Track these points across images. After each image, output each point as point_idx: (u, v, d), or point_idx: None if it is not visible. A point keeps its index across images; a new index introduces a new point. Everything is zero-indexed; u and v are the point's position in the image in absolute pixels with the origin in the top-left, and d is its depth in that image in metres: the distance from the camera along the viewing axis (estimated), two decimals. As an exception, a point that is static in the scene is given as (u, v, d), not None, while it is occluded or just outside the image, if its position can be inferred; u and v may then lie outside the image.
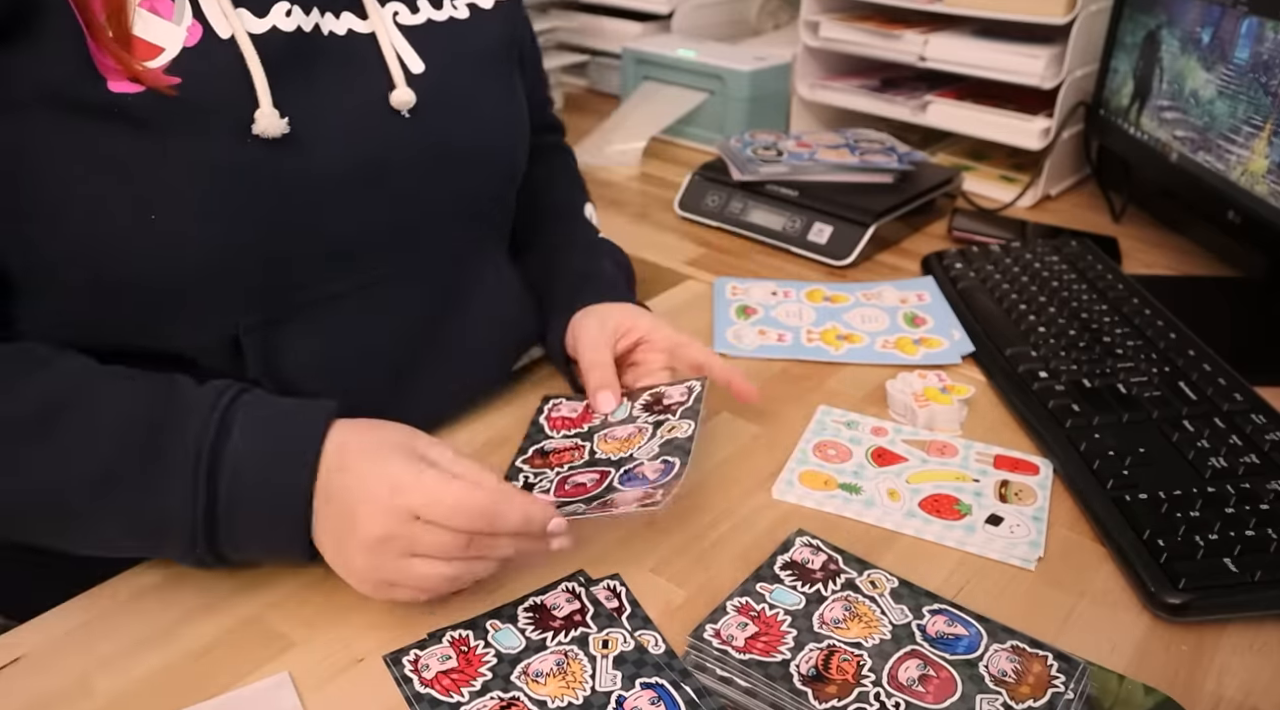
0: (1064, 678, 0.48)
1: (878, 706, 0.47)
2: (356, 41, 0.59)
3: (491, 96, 0.67)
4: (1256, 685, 0.50)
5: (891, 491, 0.63)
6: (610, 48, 1.49)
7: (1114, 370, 0.73)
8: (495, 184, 0.69)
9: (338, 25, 0.58)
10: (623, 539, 0.59)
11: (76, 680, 0.49)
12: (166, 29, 0.52)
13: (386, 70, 0.60)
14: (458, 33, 0.64)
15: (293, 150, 0.55)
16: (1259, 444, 0.64)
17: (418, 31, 0.62)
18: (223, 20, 0.53)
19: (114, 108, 0.50)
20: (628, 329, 0.70)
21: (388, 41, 0.60)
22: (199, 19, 0.53)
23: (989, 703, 0.47)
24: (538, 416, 0.70)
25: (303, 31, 0.56)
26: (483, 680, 0.48)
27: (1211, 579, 0.53)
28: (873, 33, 1.18)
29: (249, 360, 0.57)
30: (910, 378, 0.73)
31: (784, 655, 0.50)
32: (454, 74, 0.63)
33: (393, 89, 0.59)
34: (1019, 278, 0.88)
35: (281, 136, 0.54)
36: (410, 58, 0.61)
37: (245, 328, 0.57)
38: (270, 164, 0.54)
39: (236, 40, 0.53)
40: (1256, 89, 0.82)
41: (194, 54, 0.52)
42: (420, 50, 0.62)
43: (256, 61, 0.53)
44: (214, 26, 0.53)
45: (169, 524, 0.50)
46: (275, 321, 0.58)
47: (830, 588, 0.54)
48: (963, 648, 0.50)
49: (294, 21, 0.56)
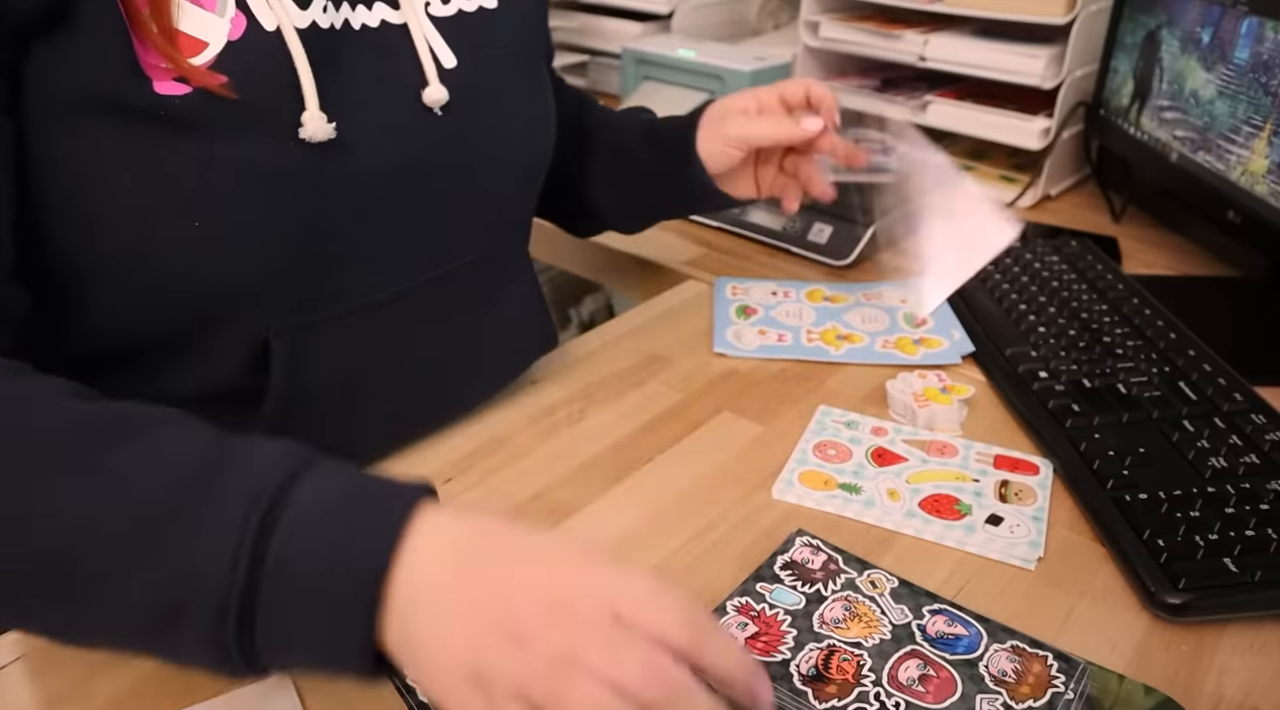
0: (1064, 678, 0.48)
1: (878, 706, 0.47)
2: (389, 34, 0.57)
3: (522, 91, 0.66)
4: (1256, 685, 0.50)
5: (891, 491, 0.63)
6: (610, 48, 1.49)
7: (1114, 370, 0.73)
8: (525, 180, 0.68)
9: (370, 16, 0.57)
10: (622, 539, 0.59)
11: (76, 680, 0.49)
12: (210, 21, 0.49)
13: (419, 65, 0.58)
14: (488, 24, 0.63)
15: (337, 152, 0.53)
16: (1259, 444, 0.64)
17: (449, 23, 0.60)
18: (267, 11, 0.50)
19: (160, 111, 0.47)
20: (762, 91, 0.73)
21: (420, 34, 0.58)
22: (242, 9, 0.50)
23: (989, 703, 0.47)
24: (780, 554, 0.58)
25: (334, 27, 0.54)
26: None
27: (1211, 579, 0.53)
28: (873, 33, 1.18)
29: (274, 364, 0.55)
30: (910, 378, 0.73)
31: (784, 655, 0.50)
32: (485, 68, 0.62)
33: (425, 86, 0.58)
34: (1019, 278, 0.88)
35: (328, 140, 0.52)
36: (442, 51, 0.59)
37: (276, 331, 0.55)
38: (314, 167, 0.52)
39: (282, 33, 0.51)
40: (1256, 89, 0.82)
41: (238, 48, 0.49)
42: (452, 43, 0.60)
43: (304, 58, 0.51)
44: (259, 17, 0.50)
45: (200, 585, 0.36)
46: (306, 326, 0.56)
47: (830, 588, 0.54)
48: (963, 648, 0.50)
49: (330, 16, 0.54)
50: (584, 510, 0.62)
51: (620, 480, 0.64)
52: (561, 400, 0.73)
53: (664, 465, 0.66)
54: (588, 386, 0.75)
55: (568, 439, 0.69)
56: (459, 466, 0.66)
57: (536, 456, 0.67)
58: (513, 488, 0.64)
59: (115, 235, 0.49)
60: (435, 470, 0.65)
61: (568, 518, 0.61)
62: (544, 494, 0.63)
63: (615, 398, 0.74)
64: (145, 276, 0.51)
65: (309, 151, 0.52)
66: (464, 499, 0.63)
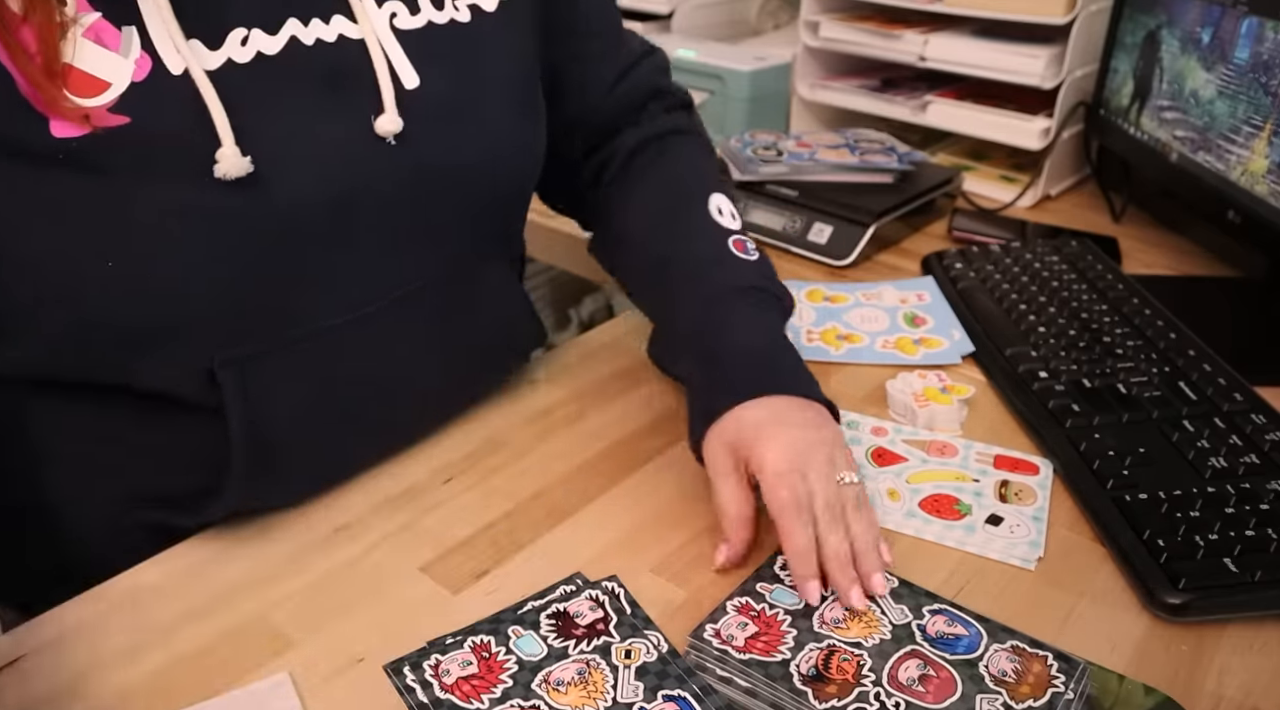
0: (1064, 678, 0.48)
1: (878, 706, 0.47)
2: (346, 52, 0.54)
3: (498, 112, 0.61)
4: (1256, 685, 0.50)
5: (891, 491, 0.63)
6: (610, 48, 1.49)
7: (1114, 370, 0.73)
8: (494, 208, 0.65)
9: (326, 31, 0.54)
10: (622, 539, 0.59)
11: (76, 680, 0.49)
12: (112, 61, 0.47)
13: (375, 88, 0.55)
14: (460, 38, 0.59)
15: (258, 188, 0.51)
16: (1259, 444, 0.64)
17: (416, 37, 0.57)
18: (174, 55, 0.49)
19: (60, 154, 0.46)
20: (757, 461, 0.55)
21: (379, 51, 0.55)
22: (148, 50, 0.48)
23: (989, 702, 0.47)
24: None
25: (264, 56, 0.52)
26: (503, 688, 0.48)
27: (1211, 579, 0.53)
28: (873, 33, 1.18)
29: (225, 393, 0.54)
30: (910, 378, 0.73)
31: (784, 655, 0.50)
32: (453, 89, 0.59)
33: (380, 113, 0.54)
34: (1019, 278, 0.88)
35: (247, 175, 0.50)
36: (405, 70, 0.56)
37: (221, 362, 0.54)
38: (236, 204, 0.50)
39: (191, 75, 0.49)
40: (1256, 89, 0.82)
41: (143, 89, 0.48)
42: (416, 60, 0.57)
43: (215, 98, 0.49)
44: (165, 61, 0.48)
45: None
46: (256, 356, 0.55)
47: (831, 587, 0.54)
48: (963, 647, 0.50)
49: (252, 48, 0.51)
50: (584, 510, 0.62)
51: (620, 480, 0.64)
52: (561, 400, 0.73)
53: (664, 465, 0.66)
54: (587, 386, 0.75)
55: (567, 439, 0.69)
56: (459, 466, 0.66)
57: (536, 456, 0.67)
58: (513, 488, 0.64)
59: (41, 273, 0.49)
60: (435, 470, 0.65)
61: (568, 518, 0.61)
62: (544, 494, 0.63)
63: (615, 398, 0.74)
64: (75, 315, 0.50)
65: (229, 189, 0.50)
66: (464, 500, 0.63)
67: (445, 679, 0.48)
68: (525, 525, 0.60)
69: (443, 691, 0.47)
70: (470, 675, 0.48)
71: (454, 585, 0.55)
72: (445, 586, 0.55)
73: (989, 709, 0.47)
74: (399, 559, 0.57)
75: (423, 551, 0.58)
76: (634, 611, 0.53)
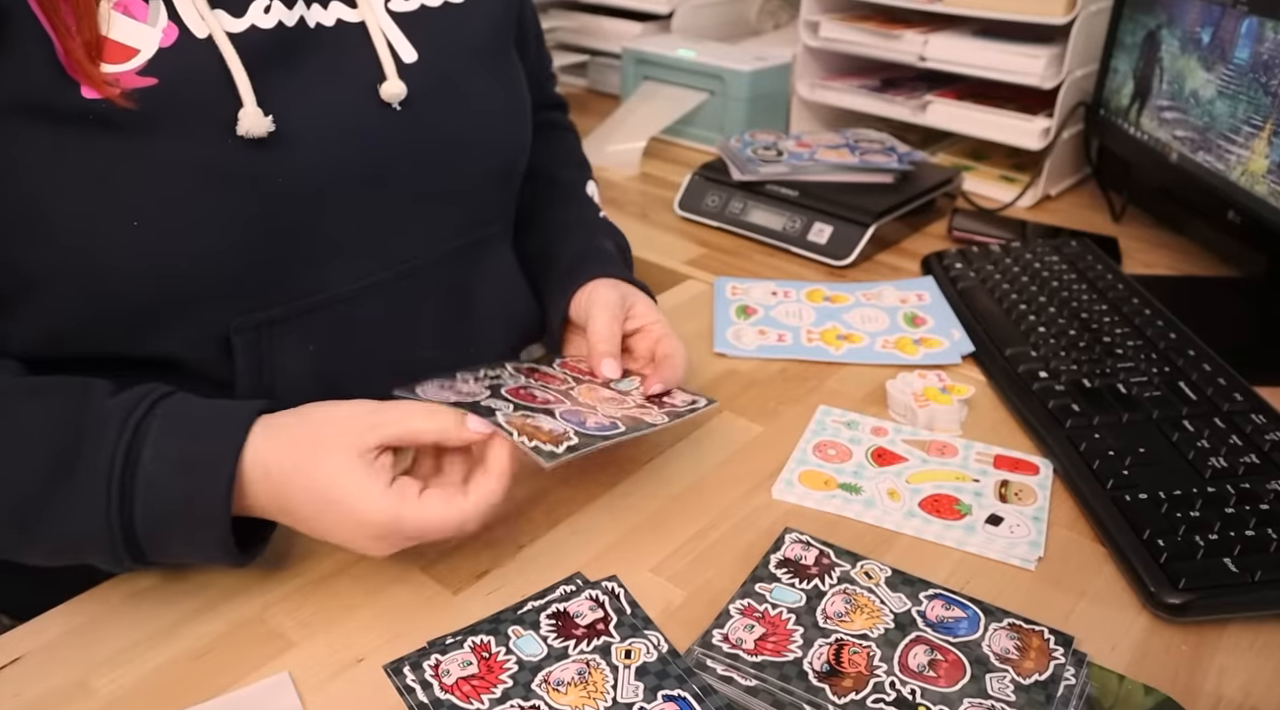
0: (1062, 649, 0.50)
1: (895, 695, 0.47)
2: (346, 32, 0.58)
3: (488, 85, 0.65)
4: (1256, 685, 0.50)
5: (891, 491, 0.63)
6: (610, 48, 1.49)
7: (1114, 370, 0.73)
8: (495, 176, 0.68)
9: (326, 16, 0.57)
10: (622, 539, 0.59)
11: (76, 680, 0.49)
12: (140, 30, 0.50)
13: (377, 61, 0.58)
14: (452, 18, 0.63)
15: (280, 149, 0.53)
16: (1259, 444, 0.64)
17: (410, 18, 0.61)
18: (199, 20, 0.51)
19: (89, 114, 0.48)
20: (640, 315, 0.67)
21: (378, 30, 0.58)
22: (174, 20, 0.51)
23: (998, 680, 0.48)
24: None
25: (284, 26, 0.55)
26: (503, 688, 0.48)
27: (1211, 579, 0.53)
28: (873, 33, 1.18)
29: (238, 360, 0.56)
30: (910, 378, 0.73)
31: (795, 653, 0.50)
32: (448, 62, 0.62)
33: (383, 81, 0.58)
34: (1019, 278, 0.88)
35: (268, 136, 0.52)
36: (402, 46, 0.60)
37: (236, 328, 0.56)
38: (257, 164, 0.53)
39: (214, 40, 0.51)
40: (1256, 89, 0.82)
41: (170, 54, 0.50)
42: (413, 38, 0.60)
43: (237, 60, 0.52)
44: (190, 27, 0.51)
45: (88, 546, 0.49)
46: (270, 323, 0.57)
47: (827, 582, 0.54)
48: (964, 629, 0.51)
49: (274, 17, 0.54)
50: (584, 510, 0.62)
51: (620, 480, 0.64)
52: (561, 400, 0.73)
53: (664, 465, 0.66)
54: (588, 386, 0.75)
55: (568, 439, 0.69)
56: (459, 466, 0.66)
57: (536, 456, 0.67)
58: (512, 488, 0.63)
59: (61, 236, 0.50)
60: (435, 470, 0.65)
61: (568, 518, 0.61)
62: (544, 494, 0.63)
63: (615, 398, 0.74)
64: (99, 277, 0.51)
65: (252, 149, 0.52)
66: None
67: (445, 679, 0.48)
68: (525, 525, 0.60)
69: (443, 692, 0.48)
70: (470, 675, 0.49)
71: (454, 585, 0.55)
72: (445, 586, 0.55)
73: (999, 687, 0.48)
74: (399, 559, 0.57)
75: (423, 551, 0.58)
76: (634, 611, 0.53)
